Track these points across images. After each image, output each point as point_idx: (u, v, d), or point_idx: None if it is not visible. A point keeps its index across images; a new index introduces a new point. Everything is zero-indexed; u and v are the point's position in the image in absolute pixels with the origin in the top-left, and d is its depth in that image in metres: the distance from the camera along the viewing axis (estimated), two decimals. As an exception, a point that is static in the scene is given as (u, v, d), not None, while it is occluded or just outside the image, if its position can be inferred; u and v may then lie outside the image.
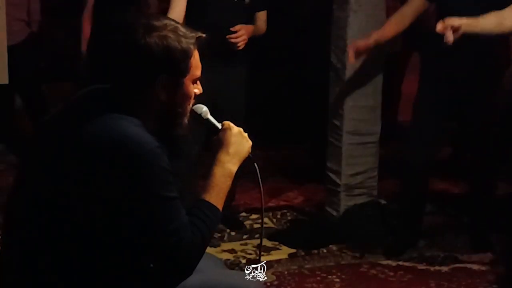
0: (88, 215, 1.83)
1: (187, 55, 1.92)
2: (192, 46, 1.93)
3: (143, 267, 1.97)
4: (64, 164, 1.85)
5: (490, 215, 3.95)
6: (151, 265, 1.92)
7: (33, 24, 5.13)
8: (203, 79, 2.03)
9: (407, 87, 5.46)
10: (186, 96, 1.97)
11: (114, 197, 1.81)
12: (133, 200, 1.81)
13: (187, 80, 1.95)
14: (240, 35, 3.84)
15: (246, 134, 2.08)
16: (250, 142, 2.08)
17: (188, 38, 1.92)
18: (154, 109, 1.94)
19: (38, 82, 5.40)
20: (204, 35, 1.97)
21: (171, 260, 1.85)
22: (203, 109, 2.08)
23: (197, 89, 2.02)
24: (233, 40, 3.82)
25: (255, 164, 2.11)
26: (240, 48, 3.86)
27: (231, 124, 2.08)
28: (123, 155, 1.80)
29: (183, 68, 1.93)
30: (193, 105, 2.04)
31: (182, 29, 1.94)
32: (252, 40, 3.96)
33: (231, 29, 3.83)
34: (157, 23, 1.92)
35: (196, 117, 2.06)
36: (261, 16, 4.04)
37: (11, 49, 4.05)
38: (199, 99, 2.05)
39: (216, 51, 3.74)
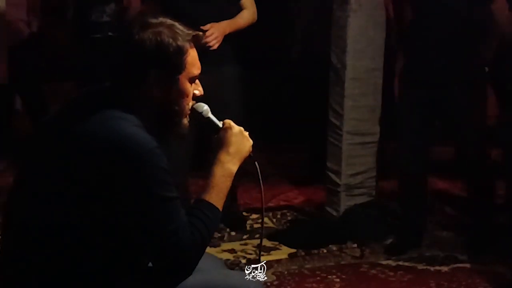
0: (87, 215, 1.83)
1: (181, 51, 1.92)
2: (187, 44, 1.94)
3: (142, 267, 1.97)
4: (64, 165, 1.85)
5: (489, 217, 3.94)
6: (151, 265, 1.92)
7: (33, 24, 5.13)
8: None
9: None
10: (181, 93, 1.97)
11: (113, 197, 1.81)
12: (132, 200, 1.81)
13: (183, 78, 1.95)
14: (209, 34, 3.56)
15: (247, 133, 2.08)
16: (250, 142, 2.08)
17: (184, 35, 1.93)
18: (151, 107, 1.94)
19: (38, 82, 5.40)
20: (202, 33, 1.98)
21: (170, 261, 1.85)
22: (204, 108, 2.08)
23: (197, 90, 2.03)
24: (203, 41, 3.62)
25: (256, 163, 2.11)
26: (214, 48, 3.60)
27: (232, 123, 2.08)
28: (121, 155, 1.80)
29: (177, 64, 1.93)
30: (193, 105, 2.04)
31: (179, 27, 1.95)
32: (239, 34, 3.75)
33: (201, 27, 3.52)
34: (153, 20, 1.94)
35: (197, 116, 2.06)
36: (246, 4, 3.79)
37: (11, 49, 4.06)
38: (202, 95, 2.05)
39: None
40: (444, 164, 4.76)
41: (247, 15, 3.81)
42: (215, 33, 3.61)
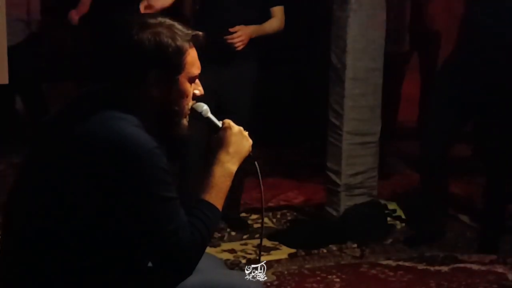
0: (87, 215, 1.83)
1: (180, 51, 1.92)
2: (187, 44, 1.94)
3: (142, 267, 1.97)
4: (63, 165, 1.85)
5: (501, 218, 3.96)
6: (151, 265, 1.92)
7: (33, 24, 5.13)
8: (207, 75, 2.03)
9: (406, 87, 5.47)
10: (181, 94, 1.97)
11: (113, 198, 1.81)
12: (132, 201, 1.81)
13: (182, 78, 1.95)
14: (236, 36, 3.79)
15: (246, 133, 2.08)
16: (250, 141, 2.08)
17: (184, 35, 1.93)
18: (150, 107, 1.94)
19: (38, 82, 5.40)
20: (201, 33, 1.98)
21: (170, 261, 1.85)
22: (204, 108, 2.08)
23: (197, 90, 2.02)
24: (229, 41, 3.79)
25: (256, 163, 2.11)
26: (238, 49, 3.81)
27: (232, 123, 2.08)
28: (121, 156, 1.80)
29: (176, 64, 1.93)
30: (193, 105, 2.04)
31: (178, 27, 1.95)
32: (264, 37, 3.94)
33: (230, 29, 3.79)
34: (152, 21, 1.94)
35: (196, 115, 2.06)
36: (276, 12, 3.98)
37: (11, 49, 4.05)
38: (203, 95, 2.06)
39: (221, 49, 3.75)
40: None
41: (275, 23, 3.99)
42: (242, 36, 3.81)
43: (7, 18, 3.84)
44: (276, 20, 3.99)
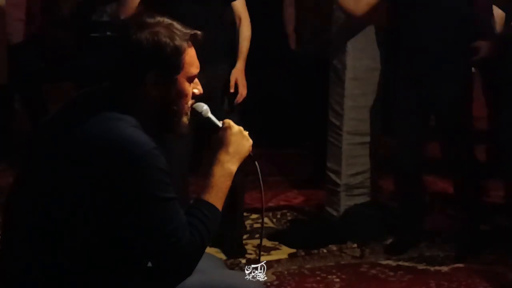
0: (86, 216, 1.83)
1: (178, 51, 1.92)
2: (185, 43, 1.93)
3: (142, 267, 1.97)
4: (63, 166, 1.85)
5: (476, 221, 3.92)
6: (150, 266, 1.92)
7: (33, 24, 5.13)
8: None
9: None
10: (180, 93, 1.96)
11: (112, 198, 1.81)
12: (131, 202, 1.81)
13: (181, 78, 1.95)
14: (241, 96, 3.61)
15: (246, 133, 2.08)
16: (250, 141, 2.08)
17: (182, 35, 1.93)
18: (149, 107, 1.94)
19: (38, 82, 5.40)
20: (199, 32, 1.97)
21: (170, 261, 1.85)
22: (204, 108, 2.08)
23: (196, 89, 2.02)
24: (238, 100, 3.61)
25: (256, 162, 2.11)
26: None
27: (232, 123, 2.08)
28: (120, 157, 1.80)
29: (175, 64, 1.92)
30: (193, 104, 2.04)
31: (177, 26, 1.94)
32: (236, 35, 3.71)
33: (231, 91, 3.60)
34: (150, 20, 1.93)
35: (197, 115, 2.06)
36: (239, 8, 3.68)
37: (11, 49, 4.05)
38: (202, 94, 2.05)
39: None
40: (444, 163, 4.76)
41: (247, 31, 3.70)
42: (241, 87, 3.63)
43: (7, 18, 3.85)
44: (245, 26, 3.68)
